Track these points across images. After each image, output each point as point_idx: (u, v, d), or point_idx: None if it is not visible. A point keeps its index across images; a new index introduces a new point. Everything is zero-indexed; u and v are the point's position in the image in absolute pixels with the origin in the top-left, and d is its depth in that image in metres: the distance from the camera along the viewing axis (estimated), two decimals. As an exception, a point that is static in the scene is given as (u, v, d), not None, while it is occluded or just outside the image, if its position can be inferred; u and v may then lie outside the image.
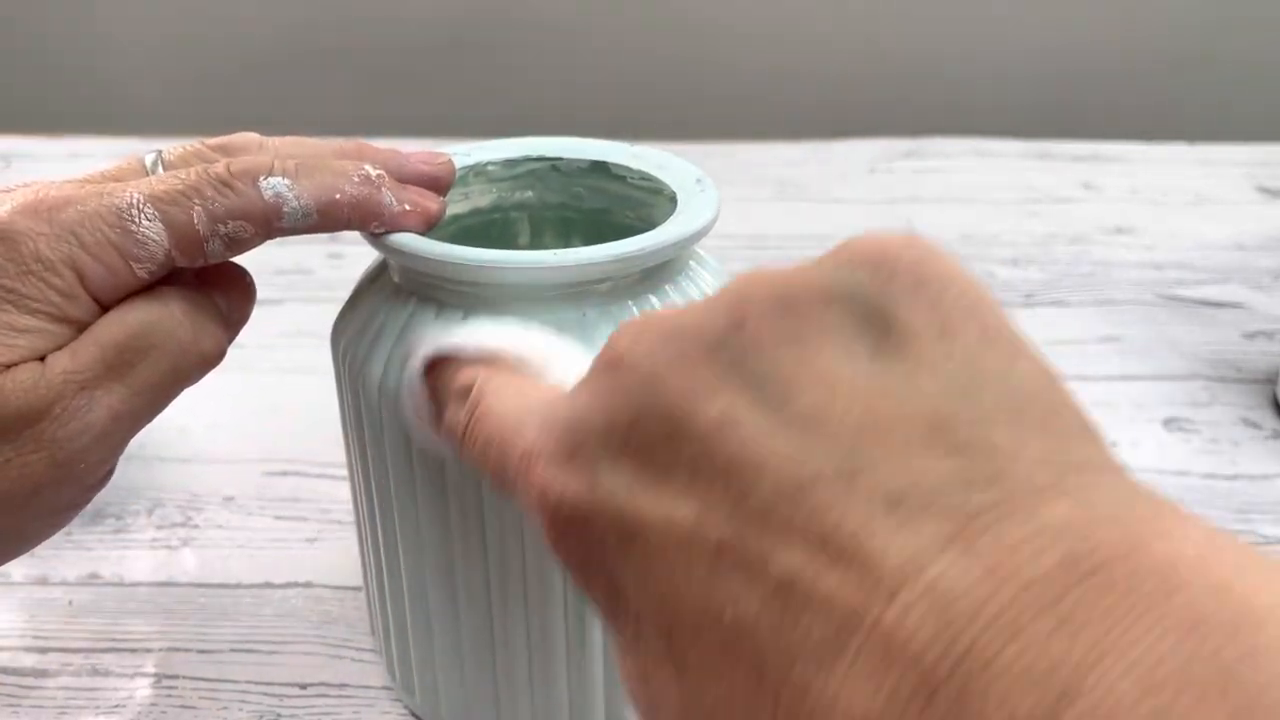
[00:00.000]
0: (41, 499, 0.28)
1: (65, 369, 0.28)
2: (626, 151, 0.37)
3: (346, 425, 0.35)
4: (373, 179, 0.31)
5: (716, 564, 0.17)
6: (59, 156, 0.82)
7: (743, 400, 0.18)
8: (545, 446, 0.21)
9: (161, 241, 0.29)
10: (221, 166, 0.30)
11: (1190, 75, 1.02)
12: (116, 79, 1.06)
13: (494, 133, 0.40)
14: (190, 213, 0.29)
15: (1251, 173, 0.81)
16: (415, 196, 0.32)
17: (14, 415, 0.27)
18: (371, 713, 0.38)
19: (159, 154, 0.31)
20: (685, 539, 0.18)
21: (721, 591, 0.17)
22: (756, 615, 0.17)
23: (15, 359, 0.27)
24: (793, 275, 0.19)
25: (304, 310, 0.63)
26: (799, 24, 1.02)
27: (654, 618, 0.18)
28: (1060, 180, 0.80)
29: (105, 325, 0.29)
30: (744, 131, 0.90)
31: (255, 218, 0.29)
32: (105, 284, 0.28)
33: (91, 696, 0.39)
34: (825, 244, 0.20)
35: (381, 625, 0.38)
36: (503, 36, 1.03)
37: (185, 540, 0.46)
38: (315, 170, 0.30)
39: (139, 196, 0.29)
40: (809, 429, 0.17)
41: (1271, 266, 0.69)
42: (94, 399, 0.28)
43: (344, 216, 0.30)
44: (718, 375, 0.18)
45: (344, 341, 0.33)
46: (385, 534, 0.35)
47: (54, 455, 0.28)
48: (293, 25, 1.03)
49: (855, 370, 0.18)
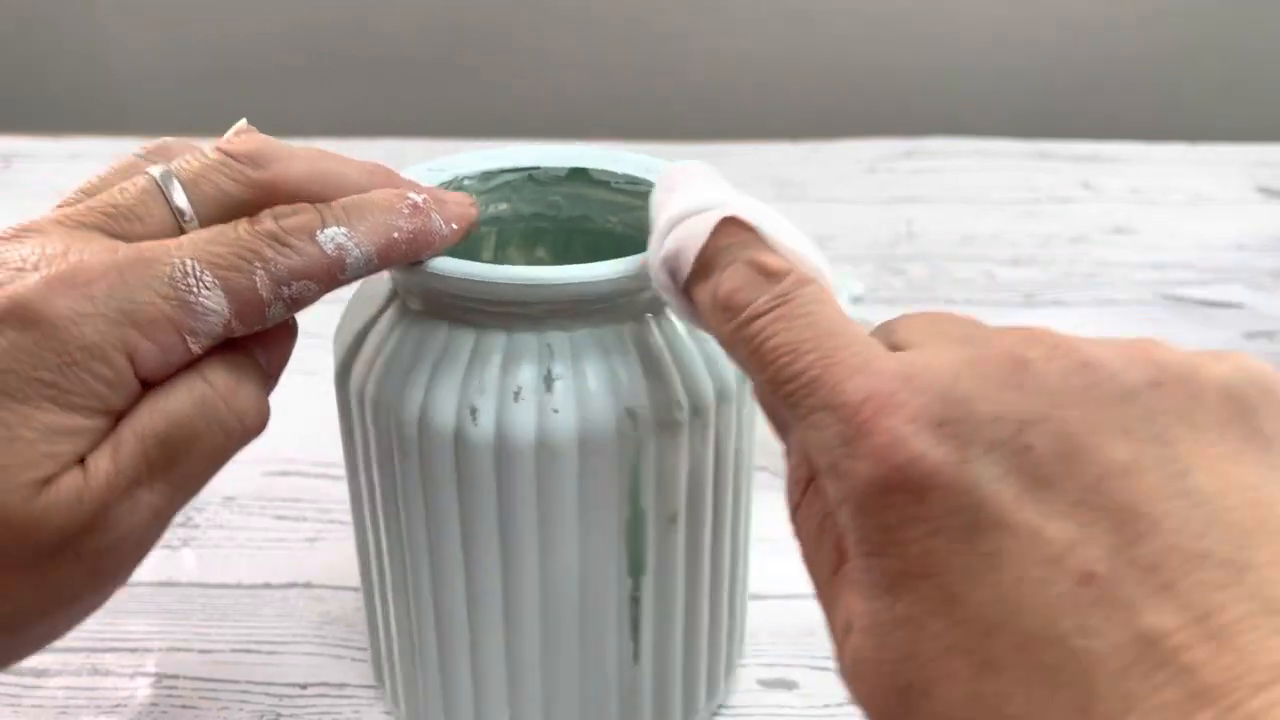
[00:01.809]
0: (78, 605, 0.26)
1: (108, 473, 0.24)
2: (606, 156, 0.36)
3: (347, 441, 0.35)
4: (420, 206, 0.29)
5: (1081, 592, 0.18)
6: (59, 156, 0.82)
7: (1148, 454, 0.19)
8: (910, 401, 0.20)
9: (222, 312, 0.25)
10: (270, 223, 0.27)
11: (1190, 75, 1.02)
12: (117, 79, 1.06)
13: (494, 133, 0.40)
14: (252, 278, 0.26)
15: (1251, 173, 0.81)
16: (456, 209, 0.30)
17: (55, 537, 0.24)
18: (372, 712, 0.38)
19: (168, 168, 0.27)
20: (1053, 557, 0.18)
21: (1075, 619, 0.18)
22: (1106, 654, 0.17)
23: (57, 469, 0.24)
24: (1198, 359, 0.21)
25: (304, 310, 0.63)
26: (799, 24, 1.02)
27: (976, 610, 0.18)
28: (1060, 180, 0.80)
29: (145, 415, 0.25)
30: (744, 131, 0.90)
31: (319, 274, 0.27)
32: (156, 365, 0.25)
33: (91, 696, 0.39)
34: (825, 244, 0.20)
35: (372, 633, 0.38)
36: (502, 37, 1.02)
37: (185, 540, 0.46)
38: (364, 211, 0.28)
39: (193, 264, 0.25)
40: (1204, 505, 0.18)
41: (1271, 266, 0.68)
42: (138, 501, 0.25)
43: (402, 253, 0.28)
44: (1127, 422, 0.19)
45: (343, 351, 0.33)
46: (376, 544, 0.35)
47: (94, 566, 0.25)
48: (293, 25, 1.03)
49: (1246, 473, 0.19)
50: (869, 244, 0.71)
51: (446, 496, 0.31)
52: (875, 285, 0.66)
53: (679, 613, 0.34)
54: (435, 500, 0.31)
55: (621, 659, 0.33)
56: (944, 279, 0.67)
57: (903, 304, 0.64)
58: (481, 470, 0.30)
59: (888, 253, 0.70)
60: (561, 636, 0.33)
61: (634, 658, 0.33)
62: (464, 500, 0.31)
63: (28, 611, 0.25)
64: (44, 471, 0.24)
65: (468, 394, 0.30)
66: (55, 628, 0.27)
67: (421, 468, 0.31)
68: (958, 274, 0.68)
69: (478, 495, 0.31)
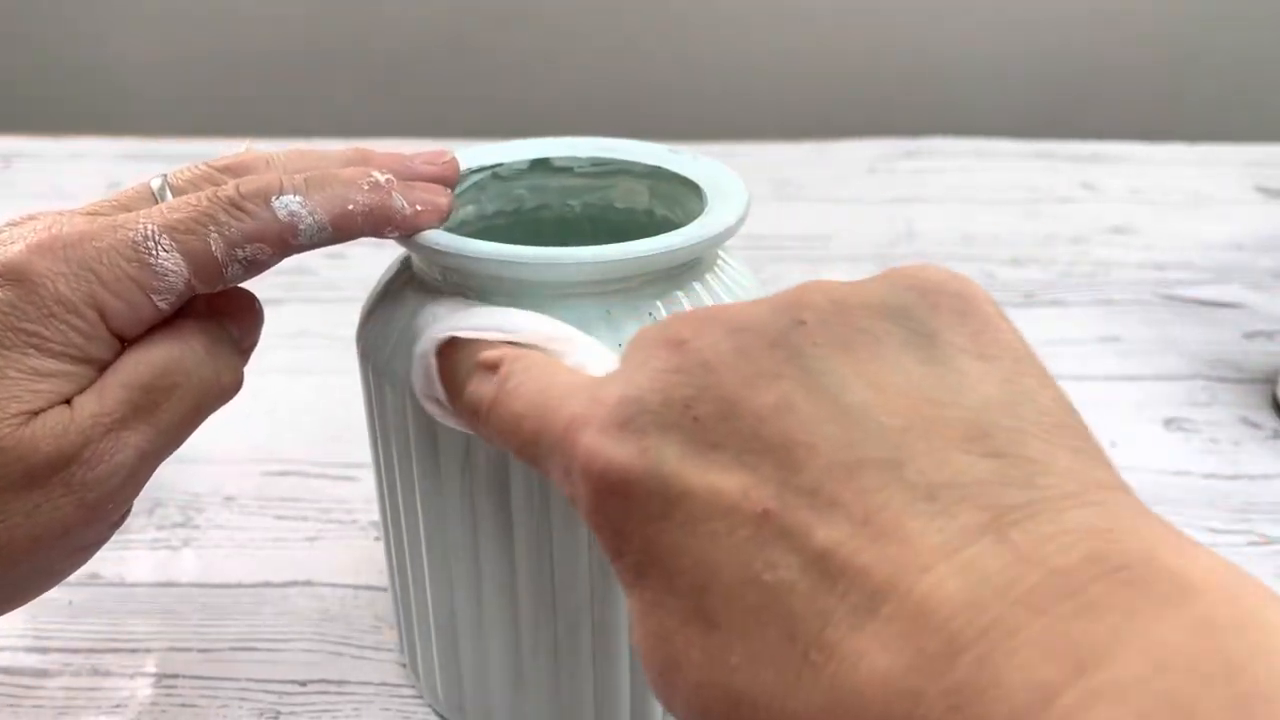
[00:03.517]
0: (70, 540, 0.28)
1: (93, 412, 0.27)
2: (568, 144, 0.37)
3: (372, 425, 0.35)
4: (381, 184, 0.31)
5: (760, 531, 0.19)
6: (60, 156, 0.82)
7: (799, 388, 0.20)
8: (595, 415, 0.22)
9: (181, 271, 0.28)
10: (231, 188, 0.29)
11: (1190, 75, 1.02)
12: (117, 79, 1.06)
13: (494, 133, 0.40)
14: (207, 240, 0.28)
15: (1251, 173, 0.81)
16: (424, 194, 0.32)
17: (44, 462, 0.27)
18: (371, 709, 0.39)
19: (165, 179, 0.31)
20: (730, 506, 0.20)
21: (762, 556, 0.19)
22: (794, 580, 0.19)
23: (42, 405, 0.27)
24: (849, 288, 0.22)
25: (305, 310, 0.63)
26: (799, 24, 1.02)
27: (688, 577, 0.20)
28: (1060, 180, 0.80)
29: (129, 365, 0.28)
30: (744, 131, 0.90)
31: (272, 238, 0.29)
32: (127, 320, 0.28)
33: (92, 696, 0.39)
34: (825, 244, 0.20)
35: (405, 626, 0.38)
36: (503, 37, 1.03)
37: (186, 540, 0.46)
38: (325, 183, 0.30)
39: (153, 227, 0.28)
40: (859, 421, 0.19)
41: (1271, 266, 0.69)
42: (122, 440, 0.28)
43: (358, 226, 0.30)
44: (777, 366, 0.20)
45: (368, 341, 0.33)
46: (410, 533, 0.35)
47: (83, 498, 0.27)
48: (294, 26, 1.03)
49: (903, 377, 0.20)
50: (869, 244, 0.71)
51: (478, 480, 0.31)
52: (875, 285, 0.66)
53: None
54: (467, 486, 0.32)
55: None
56: (944, 279, 0.67)
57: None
58: None
59: (888, 253, 0.70)
60: (590, 617, 0.33)
61: None
62: (494, 484, 0.31)
63: (23, 541, 0.27)
64: (31, 405, 0.27)
65: None
66: (52, 564, 0.29)
67: (451, 450, 0.31)
68: (957, 274, 0.68)
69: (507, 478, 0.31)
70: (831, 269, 0.67)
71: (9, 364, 0.27)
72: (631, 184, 0.37)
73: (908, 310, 0.21)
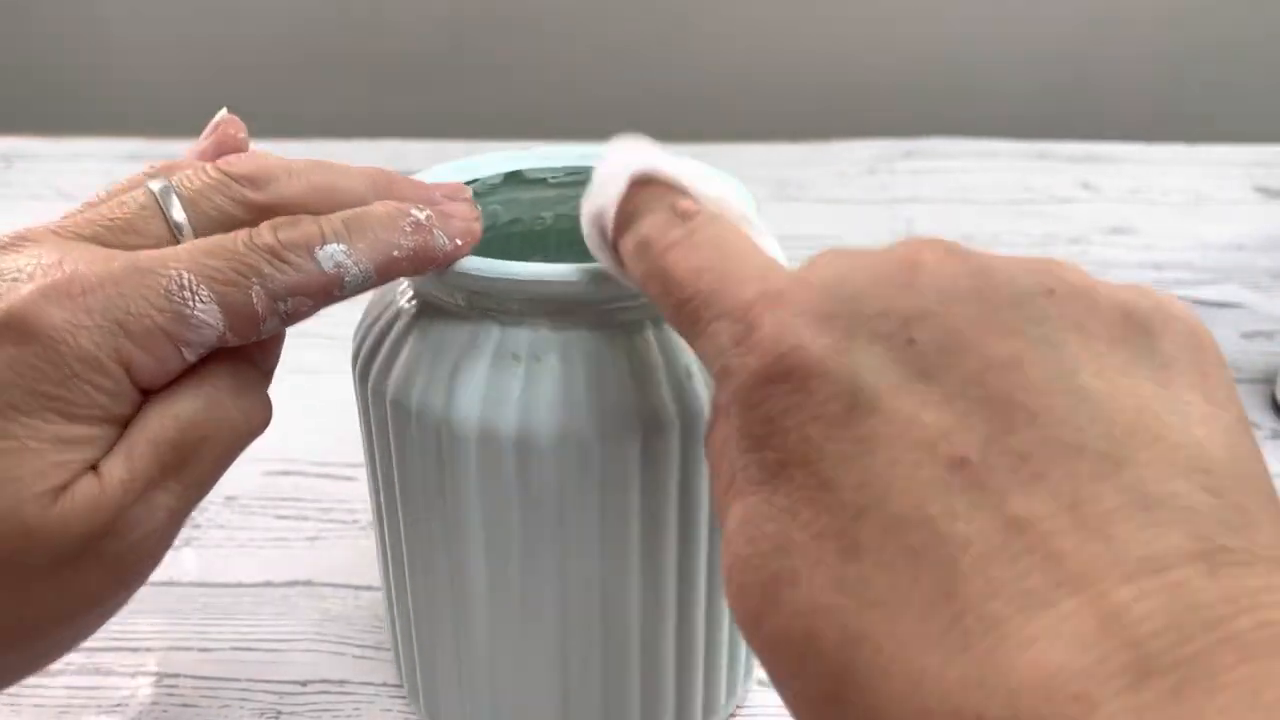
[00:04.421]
0: (101, 608, 0.27)
1: (123, 479, 0.25)
2: (541, 154, 0.36)
3: (367, 439, 0.34)
4: (423, 223, 0.29)
5: (951, 477, 0.18)
6: (59, 156, 0.82)
7: (1034, 353, 0.19)
8: (798, 297, 0.20)
9: (217, 325, 0.26)
10: (270, 236, 0.27)
11: (1190, 75, 1.02)
12: (117, 79, 1.06)
13: (494, 134, 0.40)
14: (249, 293, 0.26)
15: (1251, 173, 0.81)
16: (460, 225, 0.30)
17: (75, 542, 0.24)
18: (372, 710, 0.39)
19: (169, 183, 0.28)
20: (925, 441, 0.18)
21: (943, 500, 0.18)
22: (971, 537, 0.17)
23: (68, 478, 0.24)
24: (1099, 281, 0.21)
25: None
26: (799, 24, 1.02)
27: (847, 494, 0.18)
28: (1059, 180, 0.80)
29: (155, 421, 0.26)
30: (744, 131, 0.90)
31: (315, 291, 0.27)
32: (154, 374, 0.26)
33: (93, 695, 0.39)
34: (825, 244, 0.20)
35: (392, 633, 0.38)
36: (503, 38, 1.03)
37: (186, 540, 0.46)
38: (365, 226, 0.28)
39: (190, 277, 0.25)
40: (1088, 405, 0.18)
41: (1271, 266, 0.69)
42: (154, 504, 0.26)
43: (402, 270, 0.29)
44: (1016, 321, 0.19)
45: (363, 353, 0.33)
46: (392, 541, 0.35)
47: (115, 569, 0.26)
48: (295, 26, 1.03)
49: (1135, 383, 0.19)
50: (869, 244, 0.71)
51: (467, 492, 0.31)
52: (875, 285, 0.66)
53: (700, 613, 0.34)
54: (456, 497, 0.31)
55: (644, 658, 0.33)
56: (944, 279, 0.67)
57: (902, 304, 0.65)
58: (504, 467, 0.30)
59: (887, 253, 0.70)
60: (584, 635, 0.33)
61: (656, 657, 0.33)
62: (485, 496, 0.31)
63: (54, 617, 0.26)
64: (57, 480, 0.24)
65: (491, 390, 0.30)
66: (80, 631, 0.27)
67: (442, 465, 0.31)
68: (957, 274, 0.68)
69: (499, 492, 0.31)
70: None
71: (29, 433, 0.24)
72: None
73: (1148, 323, 0.20)
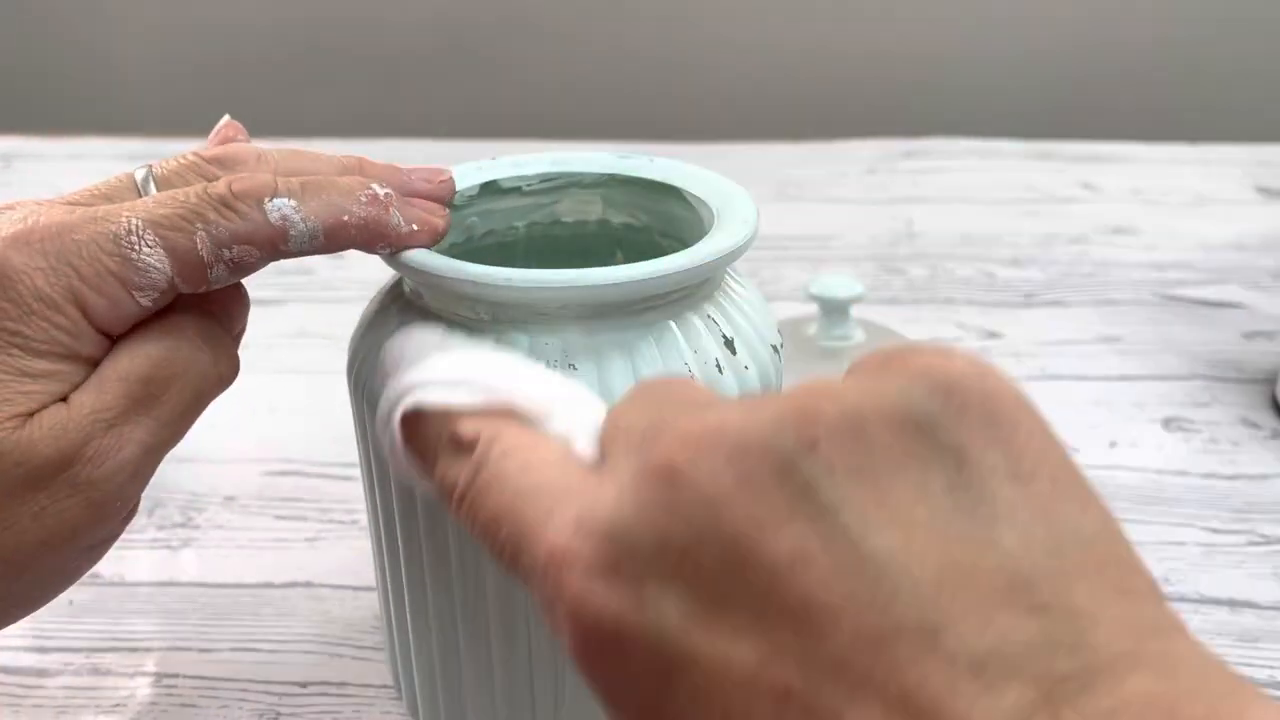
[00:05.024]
0: (79, 540, 0.28)
1: (92, 408, 0.27)
2: (514, 163, 0.36)
3: (363, 444, 0.34)
4: (381, 198, 0.30)
5: (782, 710, 0.17)
6: (59, 156, 0.82)
7: (815, 534, 0.17)
8: (582, 552, 0.19)
9: (164, 269, 0.27)
10: (223, 186, 0.28)
11: (1190, 75, 1.02)
12: (118, 79, 1.06)
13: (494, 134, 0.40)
14: (193, 238, 0.27)
15: (1251, 173, 0.81)
16: (421, 214, 0.31)
17: (45, 463, 0.26)
18: (371, 711, 0.38)
19: (150, 169, 0.30)
20: (747, 680, 0.17)
21: None
22: None
23: (35, 406, 0.26)
24: (863, 396, 0.19)
25: (305, 310, 0.63)
26: (800, 24, 1.02)
27: None
28: (1060, 180, 0.80)
29: (125, 358, 0.27)
30: (744, 131, 0.90)
31: (261, 241, 0.28)
32: (109, 316, 0.27)
33: (92, 695, 0.39)
34: (825, 244, 0.20)
35: (388, 635, 0.38)
36: (503, 38, 1.03)
37: (186, 540, 0.46)
38: (321, 190, 0.29)
39: (137, 222, 0.27)
40: (886, 573, 0.17)
41: (1271, 266, 0.69)
42: (124, 436, 0.27)
43: (350, 237, 0.29)
44: (787, 503, 0.18)
45: (357, 361, 0.33)
46: (389, 546, 0.35)
47: (89, 497, 0.27)
48: (294, 26, 1.03)
49: (931, 510, 0.18)
50: (869, 244, 0.71)
51: None
52: (875, 285, 0.66)
53: None
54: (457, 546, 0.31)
55: None
56: (944, 279, 0.67)
57: (903, 304, 0.65)
58: None
59: (888, 252, 0.70)
60: None
61: None
62: None
63: (33, 545, 0.27)
64: (24, 407, 0.26)
65: None
66: (65, 564, 0.28)
67: None
68: (958, 274, 0.68)
69: None
70: (832, 269, 0.67)
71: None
72: (582, 195, 0.36)
73: (932, 420, 0.18)
